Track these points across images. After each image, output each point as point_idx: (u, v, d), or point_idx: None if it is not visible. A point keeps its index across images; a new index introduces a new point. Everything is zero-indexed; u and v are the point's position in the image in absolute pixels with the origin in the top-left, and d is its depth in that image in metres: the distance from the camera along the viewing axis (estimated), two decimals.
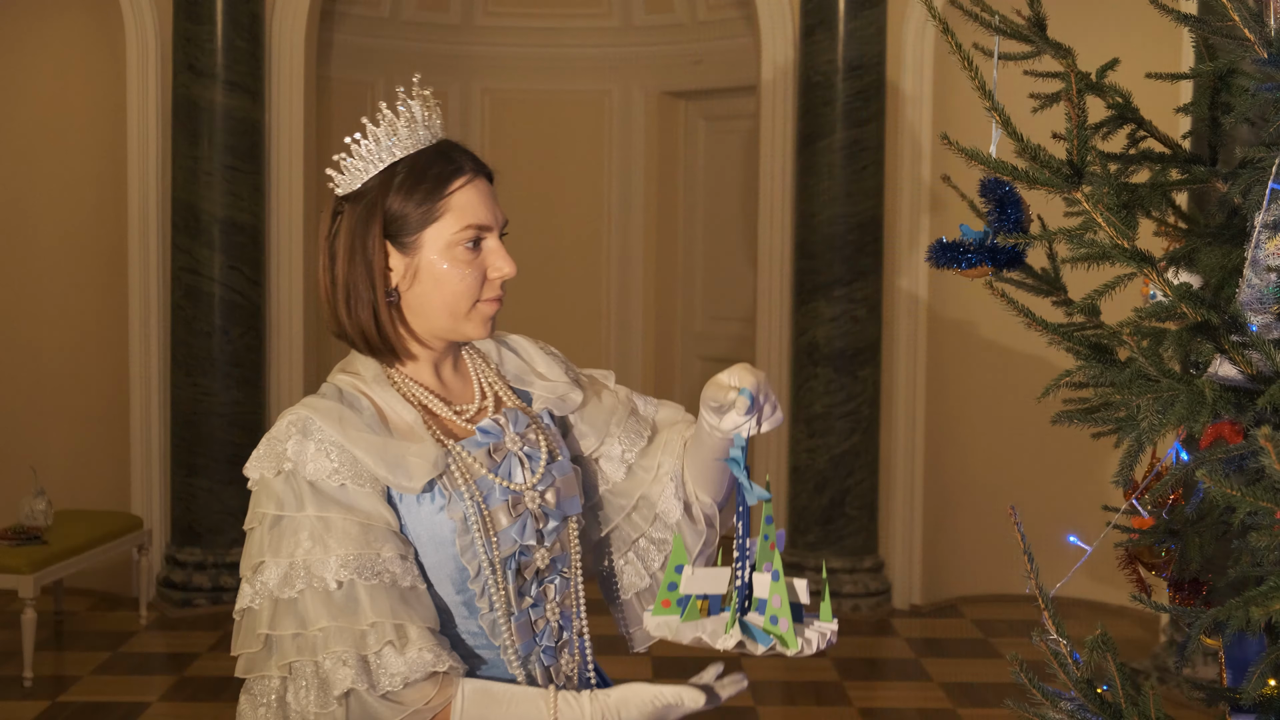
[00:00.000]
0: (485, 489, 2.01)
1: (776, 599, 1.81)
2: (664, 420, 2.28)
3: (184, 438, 6.88)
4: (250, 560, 1.95)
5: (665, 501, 2.20)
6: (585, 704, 1.90)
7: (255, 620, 1.92)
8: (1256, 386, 1.72)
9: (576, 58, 8.59)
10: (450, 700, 1.89)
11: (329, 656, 1.85)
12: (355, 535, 1.89)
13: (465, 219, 2.00)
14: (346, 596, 1.87)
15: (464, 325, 2.04)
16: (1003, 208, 2.07)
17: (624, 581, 2.26)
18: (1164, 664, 5.68)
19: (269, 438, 1.97)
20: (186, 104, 6.77)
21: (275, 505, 1.92)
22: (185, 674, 5.92)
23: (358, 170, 2.02)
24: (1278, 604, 1.53)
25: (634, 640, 2.28)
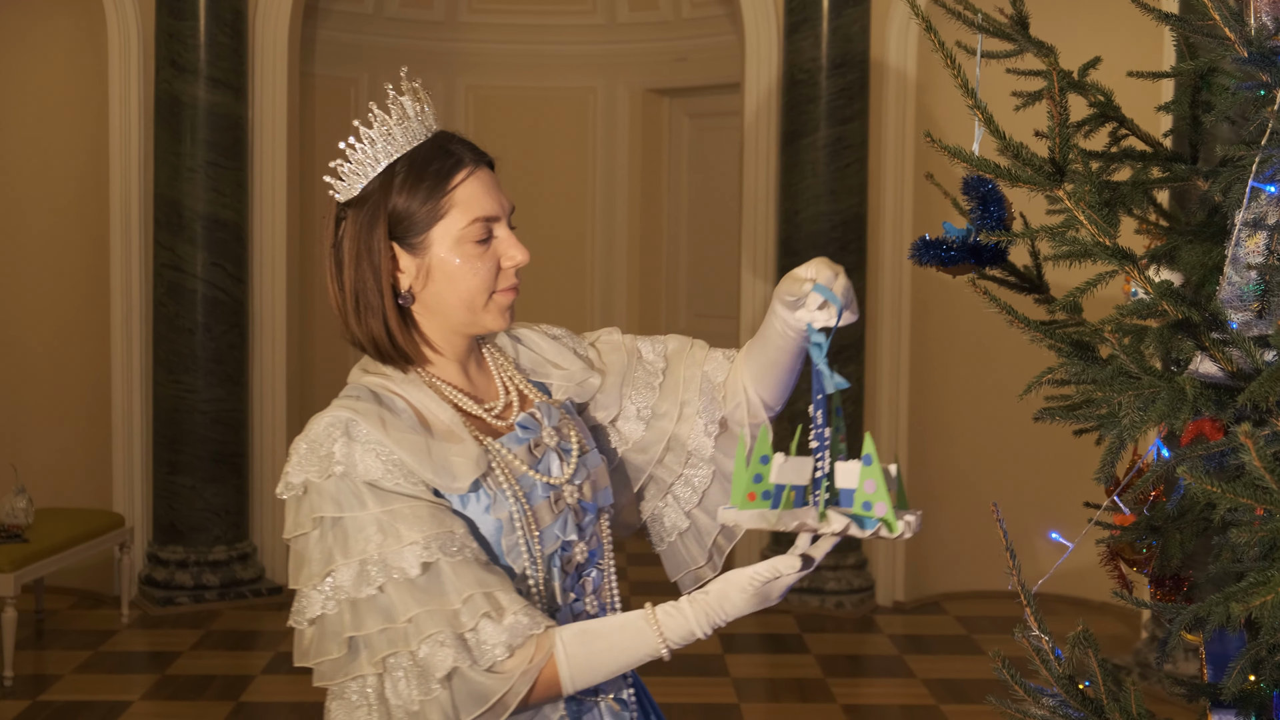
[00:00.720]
0: (527, 486, 1.99)
1: (870, 483, 1.79)
2: (674, 353, 2.25)
3: (166, 435, 6.86)
4: (311, 567, 1.90)
5: (696, 439, 2.19)
6: (686, 609, 1.88)
7: (335, 625, 1.88)
8: (1237, 384, 1.73)
9: (561, 55, 8.59)
10: (551, 652, 1.87)
11: (424, 642, 1.83)
12: (426, 517, 1.87)
13: (472, 212, 1.98)
14: (430, 580, 1.84)
15: (483, 318, 2.02)
16: (985, 205, 2.07)
17: (667, 525, 2.24)
18: (1145, 660, 5.70)
19: (309, 441, 1.92)
20: (169, 100, 6.75)
21: (333, 508, 1.88)
22: (167, 673, 5.91)
23: (356, 175, 2.00)
24: (1258, 600, 1.54)
25: (683, 584, 2.25)
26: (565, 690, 1.89)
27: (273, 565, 7.15)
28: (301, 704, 5.53)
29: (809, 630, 6.51)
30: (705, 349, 2.25)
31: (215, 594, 6.86)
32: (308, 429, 1.95)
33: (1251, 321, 1.86)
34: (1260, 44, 1.80)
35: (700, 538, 2.23)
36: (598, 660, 1.89)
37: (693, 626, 1.87)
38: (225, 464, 6.89)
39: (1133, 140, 2.45)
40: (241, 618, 6.71)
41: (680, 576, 2.25)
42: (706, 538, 2.23)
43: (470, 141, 2.05)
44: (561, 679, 1.87)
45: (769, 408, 2.21)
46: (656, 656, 1.89)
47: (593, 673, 1.89)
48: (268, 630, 6.54)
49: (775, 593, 1.88)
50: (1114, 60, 2.60)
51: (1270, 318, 1.86)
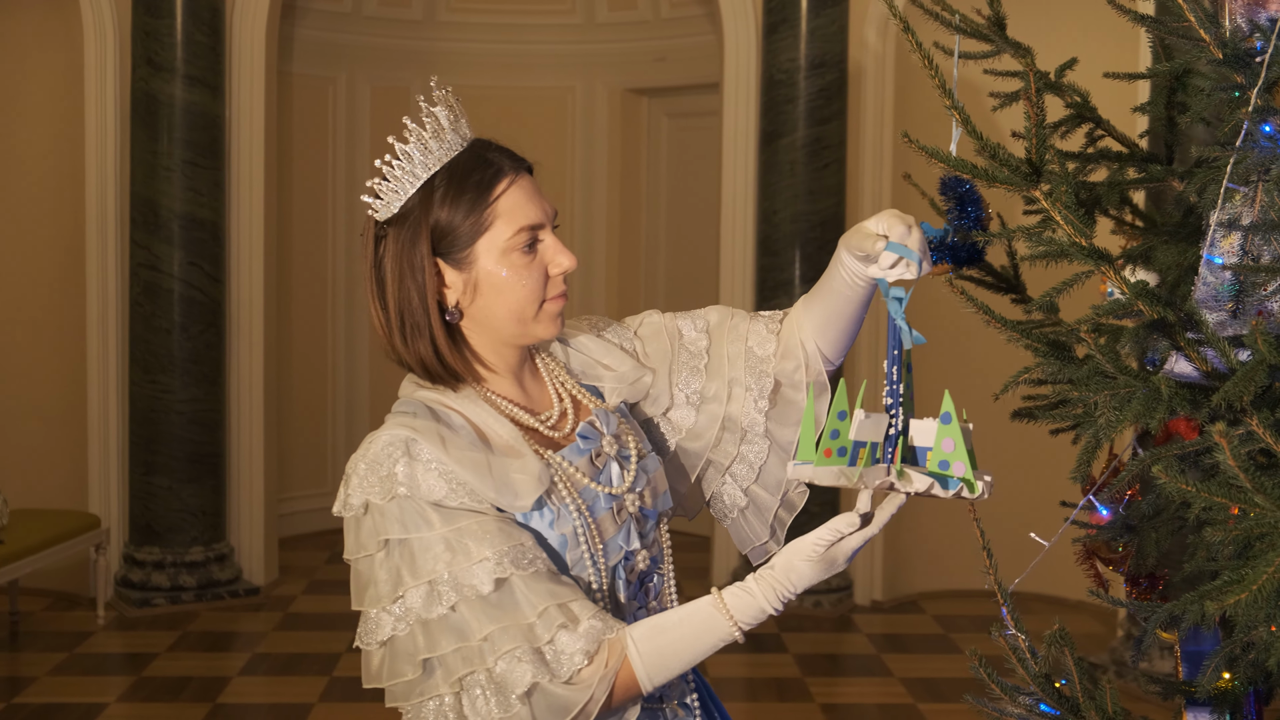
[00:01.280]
0: (589, 499, 1.97)
1: (949, 442, 1.76)
2: (715, 327, 2.21)
3: (142, 436, 6.83)
4: (377, 589, 1.87)
5: (749, 416, 2.15)
6: (754, 587, 1.84)
7: (407, 646, 1.86)
8: (1212, 383, 1.74)
9: (540, 54, 8.59)
10: (625, 655, 1.84)
11: (501, 658, 1.80)
12: (494, 532, 1.84)
13: (517, 222, 1.93)
14: (503, 595, 1.82)
15: (534, 328, 1.97)
16: (963, 205, 2.08)
17: (726, 502, 2.21)
18: (1121, 658, 5.72)
19: (368, 461, 1.88)
20: (146, 99, 6.72)
21: (399, 529, 1.85)
22: (143, 674, 5.89)
23: (394, 192, 1.94)
24: (1232, 598, 1.55)
25: (753, 556, 2.22)
26: (644, 688, 1.86)
27: (250, 566, 7.13)
28: (279, 705, 5.52)
29: (787, 629, 6.52)
30: (746, 319, 2.20)
31: (192, 595, 6.84)
32: (366, 448, 1.90)
33: (1226, 321, 1.87)
34: (1235, 46, 1.81)
35: (760, 513, 2.20)
36: (671, 653, 1.86)
37: (762, 604, 1.84)
38: (202, 464, 6.87)
39: (1109, 141, 2.46)
40: (219, 619, 6.69)
41: (749, 550, 2.22)
42: (767, 513, 2.20)
43: (507, 148, 2.01)
44: (639, 678, 1.85)
45: (829, 361, 2.17)
46: (730, 640, 1.87)
47: (668, 666, 1.86)
48: (245, 631, 6.53)
49: (841, 556, 1.84)
50: (1091, 61, 2.62)
51: (1244, 317, 1.87)
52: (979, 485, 1.74)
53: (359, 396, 8.63)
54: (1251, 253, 1.87)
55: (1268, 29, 1.80)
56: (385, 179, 1.94)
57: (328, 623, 6.62)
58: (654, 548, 2.07)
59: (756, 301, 6.92)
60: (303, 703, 5.52)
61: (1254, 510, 1.56)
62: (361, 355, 8.62)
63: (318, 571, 7.63)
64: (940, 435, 1.77)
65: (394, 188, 1.94)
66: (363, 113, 8.56)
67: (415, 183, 1.93)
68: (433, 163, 1.94)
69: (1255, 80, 1.79)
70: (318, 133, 8.41)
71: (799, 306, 2.18)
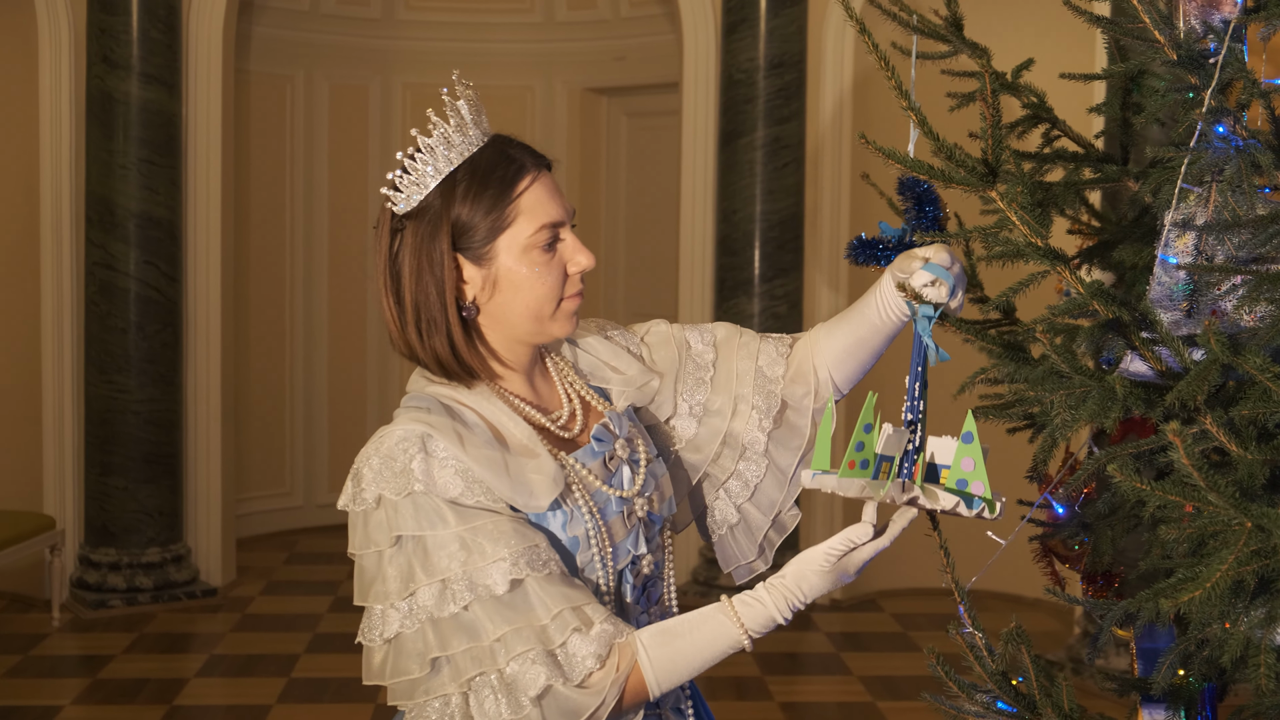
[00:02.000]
0: (601, 501, 1.96)
1: (968, 461, 1.76)
2: (723, 342, 2.20)
3: (98, 436, 6.79)
4: (385, 585, 1.85)
5: (750, 434, 2.15)
6: (764, 596, 1.85)
7: (415, 644, 1.84)
8: (1166, 382, 1.75)
9: (499, 53, 8.57)
10: (635, 659, 1.84)
11: (514, 660, 1.79)
12: (510, 533, 1.83)
13: (539, 219, 1.92)
14: (517, 597, 1.81)
15: (550, 326, 1.96)
16: (921, 205, 2.09)
17: (717, 518, 2.21)
18: (1078, 655, 5.75)
19: (383, 455, 1.86)
20: (101, 96, 6.68)
21: (413, 526, 1.83)
22: (99, 676, 5.85)
23: (415, 186, 1.92)
24: (1186, 596, 1.56)
25: (736, 575, 2.23)
26: (653, 693, 1.86)
27: (207, 567, 7.09)
28: (236, 707, 5.49)
29: None
30: (756, 339, 2.20)
31: (149, 596, 6.79)
32: (379, 442, 1.88)
33: (1181, 320, 1.88)
34: (1189, 47, 1.82)
35: (751, 532, 2.20)
36: (681, 660, 1.86)
37: (772, 613, 1.85)
38: (159, 465, 6.83)
39: (1065, 141, 2.47)
40: (175, 620, 6.65)
41: (733, 569, 2.22)
42: (757, 532, 2.19)
43: (528, 145, 2.00)
44: (648, 683, 1.85)
45: (839, 390, 2.18)
46: (739, 648, 1.87)
47: (677, 672, 1.86)
48: (202, 632, 6.49)
49: (852, 567, 1.85)
50: (1047, 62, 2.63)
51: (1199, 317, 1.88)
52: (997, 505, 1.76)
53: (317, 397, 8.59)
54: (1205, 252, 1.89)
55: (1221, 31, 1.81)
56: (406, 172, 1.92)
57: (286, 624, 6.59)
58: (658, 553, 2.07)
59: (715, 301, 6.93)
60: (261, 704, 5.50)
61: (1208, 508, 1.57)
62: (320, 355, 8.58)
63: (275, 572, 7.60)
64: (960, 454, 1.78)
65: (415, 180, 1.92)
66: (321, 111, 8.53)
67: (437, 177, 1.92)
68: (455, 157, 1.93)
69: (1209, 81, 1.80)
70: (275, 131, 8.37)
71: (819, 332, 2.19)
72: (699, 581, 6.91)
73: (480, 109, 1.98)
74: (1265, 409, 1.64)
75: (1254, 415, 1.65)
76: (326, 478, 8.59)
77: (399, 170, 1.93)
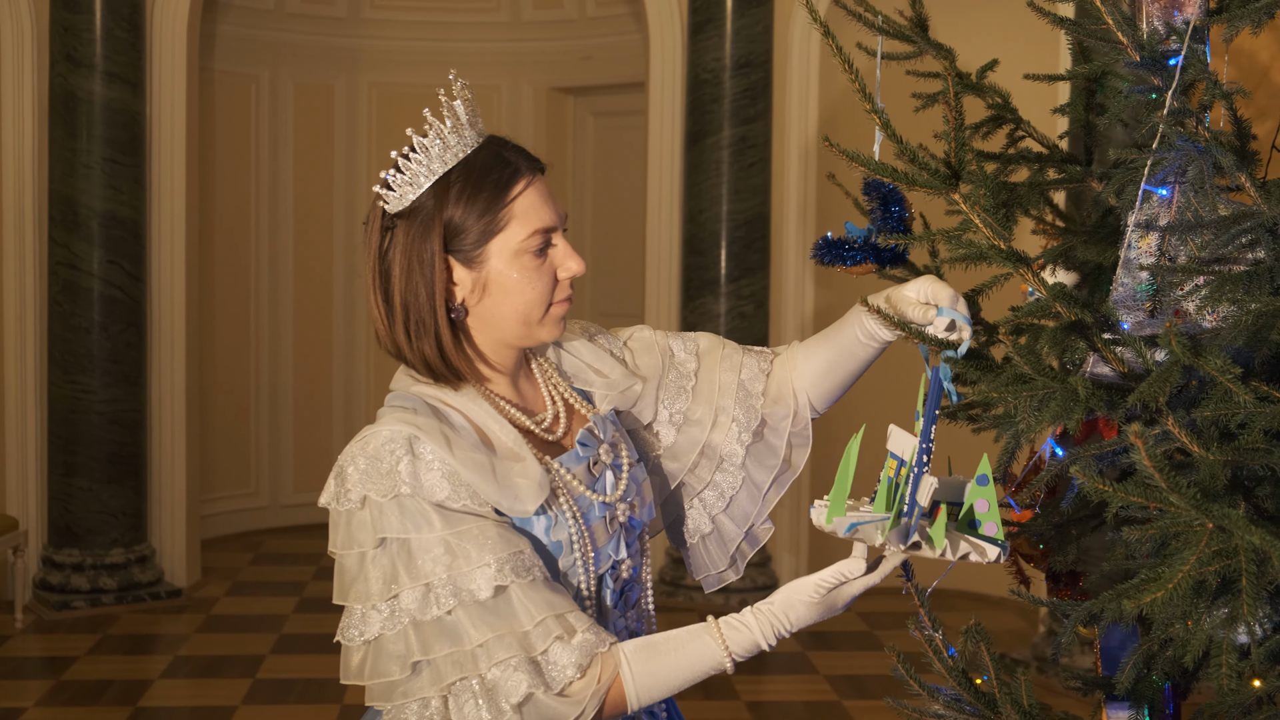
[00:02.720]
0: (584, 506, 1.96)
1: (983, 503, 1.77)
2: (705, 352, 2.20)
3: (61, 436, 6.74)
4: (367, 585, 1.84)
5: (729, 446, 2.15)
6: (750, 621, 1.84)
7: (396, 646, 1.83)
8: (1129, 384, 1.76)
9: (465, 52, 8.55)
10: (617, 672, 1.84)
11: (495, 666, 1.79)
12: (495, 538, 1.82)
13: (531, 224, 1.92)
14: (501, 603, 1.80)
15: (538, 330, 1.96)
16: (886, 205, 2.09)
17: (690, 526, 2.20)
18: (1043, 654, 5.78)
19: (369, 455, 1.85)
20: (64, 95, 6.63)
21: (398, 528, 1.82)
22: (62, 678, 5.81)
23: (408, 185, 1.91)
24: (1149, 596, 1.57)
25: (706, 584, 2.23)
26: (632, 707, 1.86)
27: (172, 568, 7.05)
28: (201, 708, 5.46)
29: None
30: (739, 351, 2.20)
31: (113, 597, 6.75)
32: (364, 442, 1.87)
33: (1144, 321, 1.89)
34: (1152, 48, 1.83)
35: (723, 543, 2.20)
36: (663, 675, 1.86)
37: (757, 638, 1.85)
38: (123, 465, 6.79)
39: (1030, 142, 2.48)
40: (140, 621, 6.62)
41: (703, 577, 2.22)
42: (730, 543, 2.19)
43: (523, 147, 2.00)
44: (628, 696, 1.85)
45: (816, 411, 2.19)
46: (721, 669, 1.86)
47: (658, 688, 1.86)
48: (167, 634, 6.46)
49: (841, 601, 1.85)
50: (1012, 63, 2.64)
51: (1162, 317, 1.89)
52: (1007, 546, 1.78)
53: (283, 396, 8.56)
54: (1168, 253, 1.90)
55: (1183, 32, 1.82)
56: (400, 171, 1.91)
57: (251, 625, 6.56)
58: (636, 557, 2.07)
59: (682, 300, 6.93)
60: (226, 705, 5.47)
61: (1170, 509, 1.57)
62: (285, 355, 8.55)
63: (241, 573, 7.56)
64: (974, 495, 1.79)
65: (408, 180, 1.91)
66: (286, 110, 8.49)
67: (431, 177, 1.91)
68: (450, 158, 1.92)
69: (1171, 82, 1.81)
70: (240, 130, 8.33)
71: (798, 352, 2.19)
72: (666, 581, 6.91)
73: (476, 110, 1.97)
74: (1226, 410, 1.65)
75: (1215, 416, 1.66)
76: (292, 478, 8.56)
77: (392, 169, 1.92)
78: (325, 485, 1.90)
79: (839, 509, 1.80)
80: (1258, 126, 1.95)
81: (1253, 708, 1.83)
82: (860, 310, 2.03)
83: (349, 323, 8.69)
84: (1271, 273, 1.78)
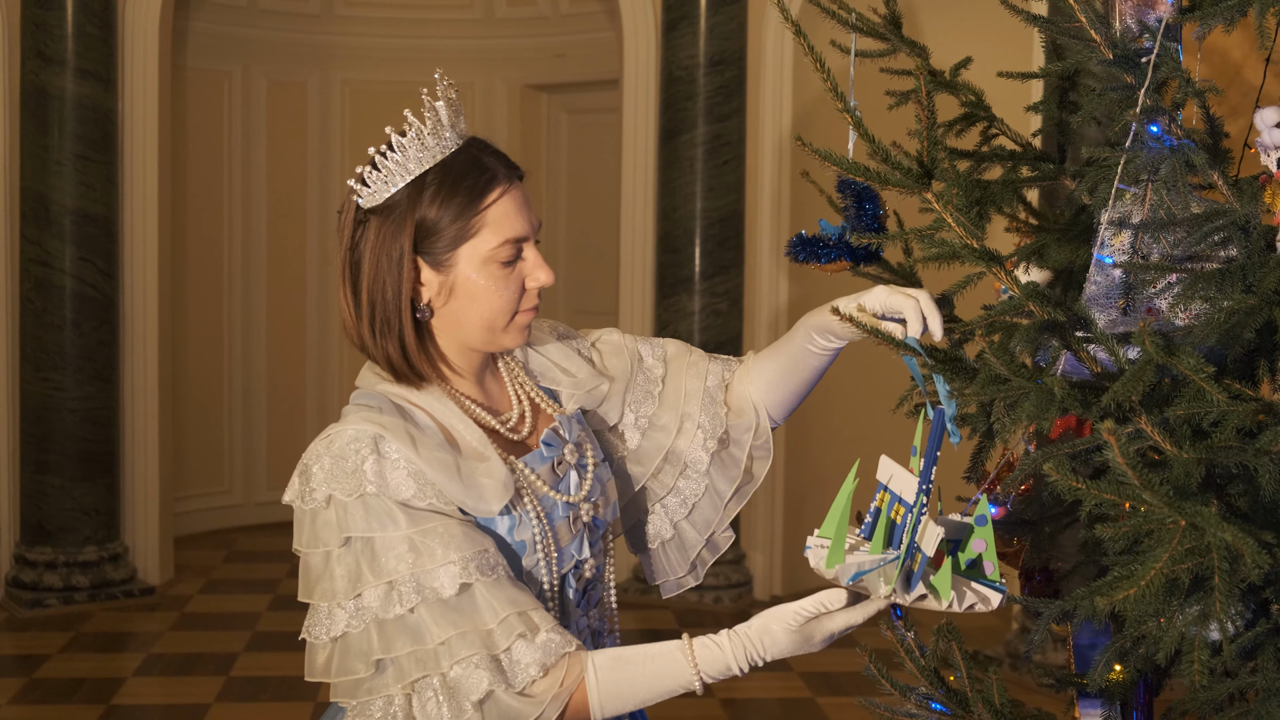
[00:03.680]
0: (548, 506, 1.96)
1: (980, 543, 1.76)
2: (673, 358, 2.20)
3: (34, 434, 6.71)
4: (332, 584, 1.83)
5: (694, 453, 2.15)
6: (725, 643, 1.83)
7: (360, 644, 1.83)
8: (1102, 383, 1.76)
9: (438, 49, 8.52)
10: (582, 678, 1.83)
11: (457, 664, 1.78)
12: (460, 537, 1.82)
13: (504, 233, 1.92)
14: (464, 600, 1.80)
15: (501, 338, 1.97)
16: (860, 202, 2.09)
17: (650, 531, 2.20)
18: (1016, 651, 5.80)
19: (334, 454, 1.85)
20: (35, 91, 6.59)
21: (363, 527, 1.82)
22: (35, 676, 5.78)
23: (384, 182, 1.91)
24: (1122, 594, 1.57)
25: (664, 589, 2.23)
26: (594, 716, 1.84)
27: (145, 565, 7.02)
28: (174, 706, 5.44)
29: (687, 625, 6.54)
30: (705, 359, 2.20)
31: (85, 595, 6.72)
32: (329, 441, 1.87)
33: (1117, 319, 1.90)
34: (1125, 46, 1.83)
35: (684, 549, 2.20)
36: (629, 688, 1.84)
37: (729, 660, 1.83)
38: (95, 463, 6.75)
39: (1003, 140, 2.48)
40: (113, 619, 6.59)
41: (661, 582, 2.23)
42: (691, 550, 2.19)
43: (503, 152, 1.99)
44: (591, 705, 1.84)
45: (774, 421, 2.18)
46: (689, 690, 1.85)
47: (623, 700, 1.85)
48: (140, 631, 6.43)
49: (819, 635, 1.83)
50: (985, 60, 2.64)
51: (1134, 315, 1.90)
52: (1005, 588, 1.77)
53: (256, 394, 8.53)
54: (1141, 251, 1.90)
55: (1156, 30, 1.82)
56: (376, 168, 1.91)
57: (224, 622, 6.54)
58: (600, 556, 2.07)
59: (656, 298, 6.93)
60: (199, 703, 5.45)
61: (1143, 507, 1.58)
62: (259, 352, 8.52)
63: (214, 571, 7.54)
64: (977, 535, 1.78)
65: (384, 178, 1.91)
66: (259, 107, 8.46)
67: (407, 176, 1.91)
68: (427, 159, 1.92)
69: (1144, 80, 1.81)
70: (213, 127, 8.30)
71: (751, 363, 2.19)
72: (639, 579, 6.91)
73: (459, 111, 1.97)
74: (1199, 408, 1.66)
75: (1188, 415, 1.67)
76: (265, 475, 8.53)
77: (369, 165, 1.91)
78: (290, 483, 1.90)
79: (839, 555, 1.78)
80: (1230, 125, 1.96)
81: (1224, 704, 1.84)
82: (809, 319, 2.03)
83: (322, 321, 8.66)
84: (1244, 271, 1.79)
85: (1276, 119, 1.76)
